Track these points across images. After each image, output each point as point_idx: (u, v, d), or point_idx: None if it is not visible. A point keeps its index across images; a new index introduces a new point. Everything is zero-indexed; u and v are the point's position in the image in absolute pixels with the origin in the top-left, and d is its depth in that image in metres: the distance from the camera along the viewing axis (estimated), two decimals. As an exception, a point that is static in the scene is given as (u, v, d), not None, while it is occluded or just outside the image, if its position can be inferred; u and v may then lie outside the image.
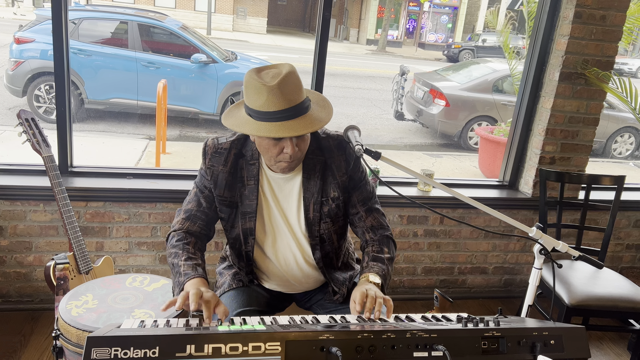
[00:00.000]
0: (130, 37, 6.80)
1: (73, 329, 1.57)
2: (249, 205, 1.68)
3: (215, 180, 1.67)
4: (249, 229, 1.70)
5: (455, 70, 8.94)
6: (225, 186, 1.67)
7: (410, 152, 7.61)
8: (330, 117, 1.56)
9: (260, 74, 1.49)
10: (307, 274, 1.79)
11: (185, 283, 1.49)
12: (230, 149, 1.67)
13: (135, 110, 6.94)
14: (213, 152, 1.67)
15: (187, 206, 1.72)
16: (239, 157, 1.67)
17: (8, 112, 6.90)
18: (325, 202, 1.70)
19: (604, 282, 2.61)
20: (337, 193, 1.70)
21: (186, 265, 1.55)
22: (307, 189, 1.69)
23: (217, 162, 1.66)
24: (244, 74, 1.52)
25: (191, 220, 1.69)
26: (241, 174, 1.67)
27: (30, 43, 6.41)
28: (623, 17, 2.93)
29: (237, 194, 1.68)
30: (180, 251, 1.60)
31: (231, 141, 1.68)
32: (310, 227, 1.71)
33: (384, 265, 1.65)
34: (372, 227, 1.75)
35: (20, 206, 2.62)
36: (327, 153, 1.68)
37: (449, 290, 3.35)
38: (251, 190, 1.67)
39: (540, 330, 1.26)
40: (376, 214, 1.77)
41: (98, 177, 2.78)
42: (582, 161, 3.18)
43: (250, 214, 1.69)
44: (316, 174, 1.68)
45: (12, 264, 2.71)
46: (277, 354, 1.10)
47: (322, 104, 1.61)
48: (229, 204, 1.69)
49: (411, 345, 1.18)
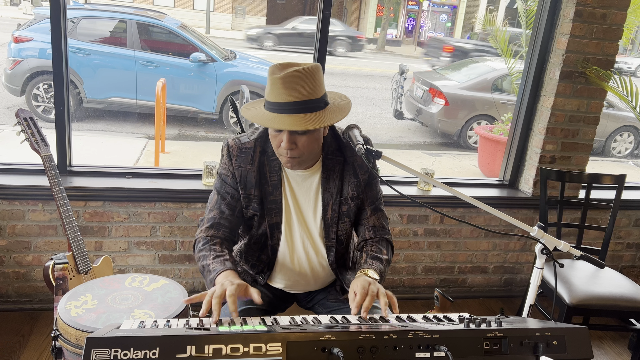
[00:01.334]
0: (129, 36, 6.78)
1: (72, 329, 1.56)
2: (274, 201, 1.69)
3: (244, 181, 1.67)
4: (275, 224, 1.71)
5: (455, 69, 8.94)
6: (255, 185, 1.67)
7: (409, 151, 7.60)
8: (334, 121, 1.52)
9: (281, 65, 1.50)
10: (317, 274, 1.79)
11: (215, 279, 1.50)
12: (255, 147, 1.66)
13: (134, 109, 6.93)
14: (238, 152, 1.66)
15: (209, 215, 1.70)
16: (263, 154, 1.67)
17: (6, 111, 6.88)
18: (344, 201, 1.71)
19: (604, 282, 2.60)
20: (355, 192, 1.71)
21: (214, 262, 1.56)
22: (326, 190, 1.69)
23: (245, 162, 1.66)
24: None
25: (215, 228, 1.68)
26: (264, 171, 1.68)
27: (29, 42, 6.39)
28: (624, 15, 2.92)
29: (264, 190, 1.69)
30: (207, 252, 1.60)
31: (254, 139, 1.67)
32: (328, 228, 1.72)
33: (382, 265, 1.66)
34: (374, 227, 1.76)
35: (19, 206, 2.61)
36: (347, 152, 1.69)
37: (449, 289, 3.34)
38: (275, 185, 1.68)
39: (542, 330, 1.25)
40: (380, 214, 1.78)
41: (97, 176, 2.77)
42: (582, 160, 3.18)
43: (276, 209, 1.70)
44: (335, 174, 1.69)
45: (11, 263, 2.70)
46: (278, 355, 1.09)
47: (341, 108, 1.57)
48: (259, 202, 1.69)
49: (413, 345, 1.17)
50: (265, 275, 1.80)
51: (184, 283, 2.88)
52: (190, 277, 2.93)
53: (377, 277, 1.58)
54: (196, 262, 1.66)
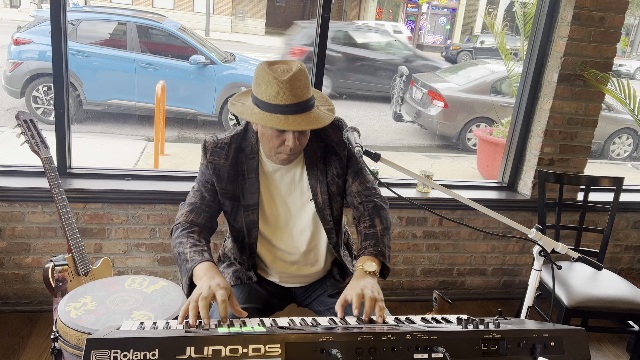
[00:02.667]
0: (129, 39, 6.79)
1: (72, 330, 1.56)
2: (251, 198, 1.72)
3: (217, 174, 1.70)
4: (252, 222, 1.73)
5: (454, 71, 8.95)
6: (228, 179, 1.70)
7: (408, 153, 7.61)
8: (333, 116, 1.63)
9: (272, 67, 1.55)
10: (312, 262, 1.81)
11: (194, 269, 1.48)
12: (231, 143, 1.70)
13: (134, 111, 6.93)
14: (213, 147, 1.70)
15: (190, 199, 1.73)
16: (239, 151, 1.71)
17: (6, 113, 6.89)
18: (331, 181, 1.75)
19: (602, 284, 2.61)
20: (339, 169, 1.76)
21: (192, 251, 1.55)
22: (312, 176, 1.74)
23: (219, 156, 1.70)
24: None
25: (195, 213, 1.69)
26: (241, 168, 1.71)
27: (29, 44, 6.40)
28: (622, 18, 2.93)
29: (238, 187, 1.72)
30: (184, 239, 1.59)
31: (231, 136, 1.71)
32: (322, 212, 1.75)
33: (377, 238, 1.68)
34: (358, 192, 1.78)
35: (19, 207, 2.62)
36: (323, 135, 1.75)
37: (447, 291, 3.34)
38: (252, 183, 1.71)
39: (540, 332, 1.26)
40: (362, 178, 1.79)
41: (96, 178, 2.77)
42: (580, 162, 3.19)
43: (253, 206, 1.72)
44: (318, 159, 1.74)
45: (10, 265, 2.70)
46: (277, 356, 1.10)
47: (326, 103, 1.67)
48: (231, 197, 1.72)
49: (411, 347, 1.18)
50: (254, 273, 1.82)
51: (183, 285, 2.89)
52: (190, 279, 2.93)
53: (374, 268, 1.58)
54: (171, 249, 1.66)
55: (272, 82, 1.50)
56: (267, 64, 1.56)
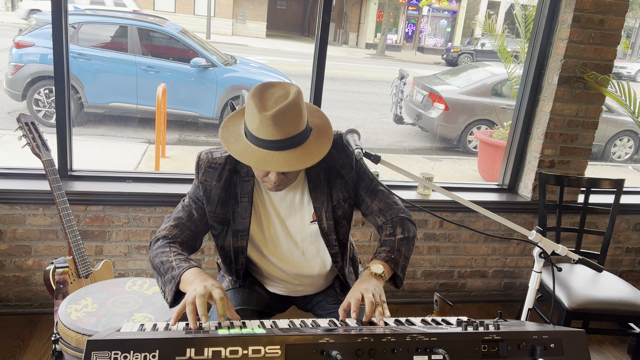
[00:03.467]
0: (130, 41, 6.81)
1: (73, 332, 1.56)
2: (242, 223, 1.63)
3: (207, 196, 1.61)
4: (240, 248, 1.66)
5: (454, 74, 8.96)
6: (218, 202, 1.61)
7: (409, 155, 7.62)
8: (325, 152, 1.48)
9: (264, 95, 1.43)
10: (315, 282, 1.78)
11: (182, 275, 1.41)
12: (225, 164, 1.61)
13: (135, 114, 6.95)
14: (207, 166, 1.61)
15: (177, 214, 1.63)
16: (234, 172, 1.61)
17: (7, 116, 6.91)
18: (337, 206, 1.67)
19: (603, 286, 2.61)
20: (345, 193, 1.68)
21: (177, 259, 1.47)
22: (316, 199, 1.65)
23: (211, 178, 1.60)
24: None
25: (179, 229, 1.60)
26: (235, 191, 1.62)
27: (30, 47, 6.42)
28: (622, 21, 2.94)
29: (229, 210, 1.63)
30: (167, 249, 1.51)
31: (226, 156, 1.61)
32: (327, 237, 1.68)
33: (394, 246, 1.62)
34: (380, 210, 1.72)
35: (20, 210, 2.62)
36: (327, 157, 1.63)
37: (448, 294, 3.34)
38: (244, 207, 1.62)
39: (540, 333, 1.26)
40: (381, 195, 1.73)
41: (97, 181, 2.78)
42: (581, 165, 3.19)
43: (243, 232, 1.64)
44: (322, 182, 1.65)
45: (11, 268, 2.70)
46: (277, 358, 1.10)
47: (323, 130, 1.54)
48: (220, 221, 1.64)
49: (411, 348, 1.17)
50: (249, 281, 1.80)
51: (184, 287, 2.89)
52: (190, 282, 2.94)
53: (380, 270, 1.54)
54: (150, 260, 1.55)
55: (255, 114, 1.39)
56: (260, 88, 1.44)
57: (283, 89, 1.46)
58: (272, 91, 1.45)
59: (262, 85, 1.46)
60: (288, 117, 1.40)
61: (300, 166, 1.42)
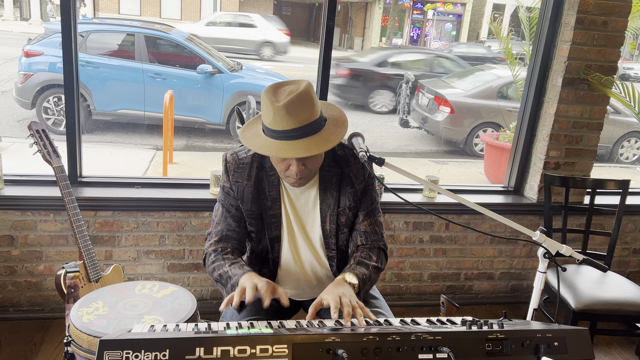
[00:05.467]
0: (137, 49, 6.89)
1: (84, 335, 1.59)
2: (273, 215, 1.71)
3: (241, 196, 1.70)
4: (275, 237, 1.74)
5: (460, 77, 8.97)
6: (252, 200, 1.70)
7: (415, 159, 7.63)
8: (340, 137, 1.55)
9: (276, 91, 1.51)
10: (322, 283, 1.81)
11: (238, 282, 1.54)
12: (252, 162, 1.69)
13: (143, 121, 7.01)
14: (235, 167, 1.69)
15: (216, 228, 1.73)
16: (260, 169, 1.70)
17: (17, 124, 6.99)
18: (341, 212, 1.72)
19: (610, 287, 2.61)
20: (352, 202, 1.72)
21: (232, 268, 1.60)
22: (324, 201, 1.71)
23: (241, 177, 1.69)
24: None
25: (224, 241, 1.71)
26: (263, 186, 1.70)
27: (39, 56, 6.50)
28: (625, 22, 2.95)
29: (261, 205, 1.71)
30: (222, 262, 1.64)
31: (251, 155, 1.70)
32: (327, 240, 1.73)
33: (367, 270, 1.65)
34: (366, 232, 1.75)
35: (31, 216, 2.67)
36: (343, 163, 1.70)
37: (455, 296, 3.35)
38: (273, 200, 1.70)
39: (543, 332, 1.27)
40: (373, 220, 1.76)
41: (107, 187, 2.82)
42: (586, 166, 3.19)
43: (275, 223, 1.72)
44: (332, 186, 1.70)
45: (23, 273, 2.74)
46: (284, 356, 1.12)
47: (339, 121, 1.60)
48: (256, 217, 1.72)
49: (416, 347, 1.20)
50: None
51: (192, 291, 2.91)
52: (199, 286, 2.97)
53: (355, 281, 1.58)
54: (210, 275, 1.69)
55: (269, 107, 1.48)
56: (274, 86, 1.52)
57: (294, 83, 1.54)
58: (284, 87, 1.53)
59: (275, 84, 1.55)
60: (300, 106, 1.46)
61: (318, 150, 1.49)
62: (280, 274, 1.81)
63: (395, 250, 3.15)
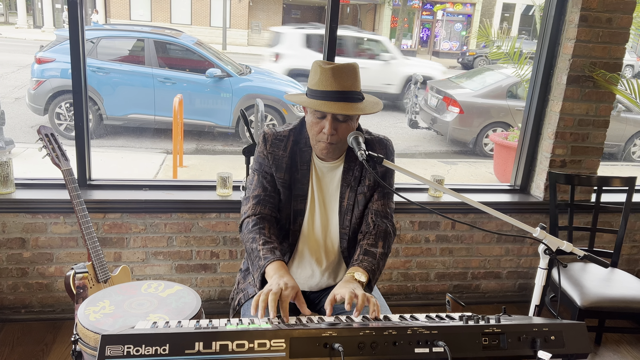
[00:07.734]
0: (147, 54, 6.97)
1: (91, 333, 1.63)
2: (301, 189, 1.82)
3: (276, 164, 1.81)
4: (299, 210, 1.84)
5: (469, 77, 8.95)
6: (286, 169, 1.81)
7: (425, 159, 7.62)
8: (374, 111, 1.71)
9: (326, 61, 1.69)
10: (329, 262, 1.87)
11: (266, 267, 1.62)
12: (289, 136, 1.82)
13: (153, 125, 7.09)
14: (273, 139, 1.82)
15: (254, 192, 1.83)
16: (296, 144, 1.82)
17: (30, 130, 7.11)
18: (360, 190, 1.83)
19: (616, 284, 2.60)
20: (372, 182, 1.83)
21: (265, 249, 1.67)
22: (345, 178, 1.83)
23: (278, 148, 1.81)
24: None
25: (262, 204, 1.80)
26: (296, 159, 1.82)
27: (51, 63, 6.61)
28: (629, 19, 2.94)
29: (292, 177, 1.82)
30: (257, 235, 1.72)
31: (289, 129, 1.84)
32: (343, 216, 1.83)
33: (375, 260, 1.73)
34: (377, 211, 1.84)
35: (42, 219, 2.72)
36: (368, 147, 1.79)
37: (462, 295, 3.35)
38: (304, 174, 1.82)
39: (540, 326, 1.28)
40: (386, 202, 1.86)
41: (115, 189, 2.86)
42: (593, 164, 3.18)
43: (302, 196, 1.83)
44: (356, 165, 1.82)
45: (34, 275, 2.80)
46: (282, 350, 1.15)
47: (375, 102, 1.77)
48: (287, 187, 1.83)
49: (412, 341, 1.21)
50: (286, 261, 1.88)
51: (199, 292, 2.95)
52: (206, 286, 3.00)
53: (364, 279, 1.64)
54: (242, 242, 1.78)
55: (317, 70, 1.65)
56: (323, 60, 1.71)
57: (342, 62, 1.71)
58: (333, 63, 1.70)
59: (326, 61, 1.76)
60: (345, 74, 1.64)
61: (353, 111, 1.65)
62: (298, 248, 1.87)
63: (402, 249, 3.16)
